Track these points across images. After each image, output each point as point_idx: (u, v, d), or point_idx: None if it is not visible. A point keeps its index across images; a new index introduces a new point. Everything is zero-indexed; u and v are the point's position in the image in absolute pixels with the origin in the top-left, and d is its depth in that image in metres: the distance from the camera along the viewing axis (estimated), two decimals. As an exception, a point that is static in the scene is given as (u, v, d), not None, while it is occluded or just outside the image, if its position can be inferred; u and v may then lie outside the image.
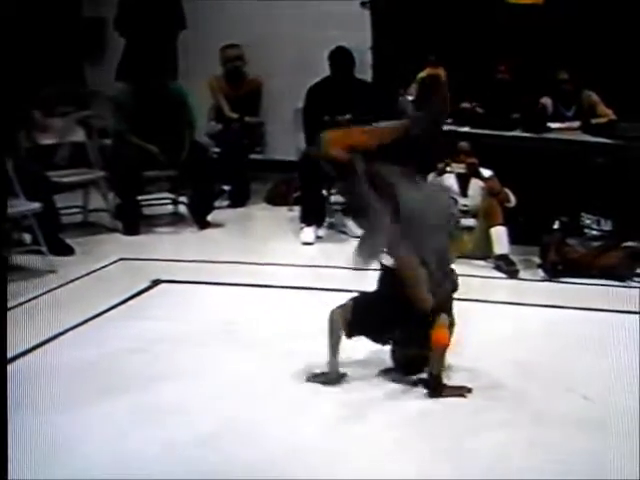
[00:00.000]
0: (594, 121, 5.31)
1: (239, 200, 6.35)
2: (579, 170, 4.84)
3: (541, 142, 5.21)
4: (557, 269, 4.70)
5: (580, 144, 5.11)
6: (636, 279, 4.62)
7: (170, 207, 6.09)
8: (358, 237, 3.41)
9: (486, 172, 5.12)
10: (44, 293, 4.40)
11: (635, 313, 4.11)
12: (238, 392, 3.27)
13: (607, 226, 4.76)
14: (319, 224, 5.62)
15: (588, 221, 4.78)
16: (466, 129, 5.40)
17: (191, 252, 5.15)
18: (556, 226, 4.79)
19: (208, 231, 5.70)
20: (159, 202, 6.07)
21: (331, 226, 5.78)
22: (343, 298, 4.29)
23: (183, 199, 5.97)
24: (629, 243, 4.69)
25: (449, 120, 5.51)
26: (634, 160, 4.86)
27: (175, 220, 5.93)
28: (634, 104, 5.34)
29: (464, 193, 5.17)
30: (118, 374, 3.42)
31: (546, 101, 5.51)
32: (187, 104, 5.91)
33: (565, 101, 5.51)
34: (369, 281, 4.50)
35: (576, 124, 5.38)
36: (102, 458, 2.78)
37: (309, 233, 5.48)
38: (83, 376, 3.41)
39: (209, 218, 5.80)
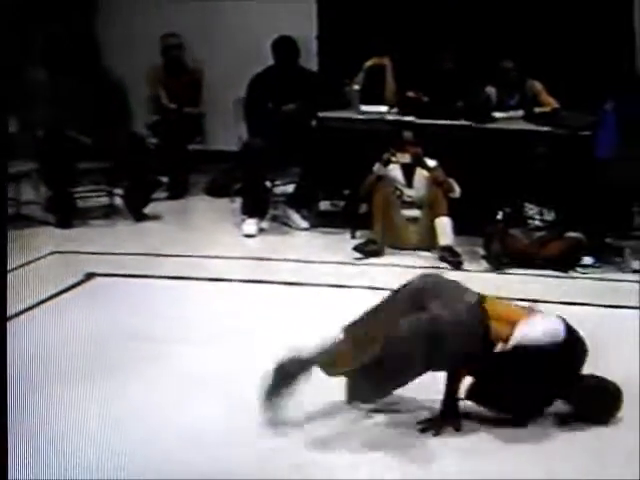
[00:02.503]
0: (537, 110, 5.41)
1: (177, 192, 6.32)
2: (522, 160, 4.93)
3: (485, 131, 5.30)
4: (501, 260, 4.79)
5: (523, 133, 5.21)
6: (579, 269, 4.73)
7: (105, 199, 6.01)
8: None
9: (431, 162, 5.20)
10: (-29, 288, 4.32)
11: (578, 304, 4.23)
12: (173, 387, 3.26)
13: (550, 216, 4.86)
14: (262, 216, 5.61)
15: (531, 211, 4.88)
16: (411, 118, 5.46)
17: (127, 245, 5.11)
18: (499, 217, 4.88)
19: (145, 224, 5.67)
20: (93, 194, 5.99)
21: (274, 218, 5.78)
22: (285, 291, 4.38)
23: (119, 191, 5.91)
24: (572, 233, 4.80)
25: (394, 109, 5.60)
26: (577, 149, 4.98)
27: (110, 213, 5.85)
28: (577, 93, 5.46)
29: (409, 184, 5.23)
30: (48, 369, 3.39)
31: (490, 90, 5.60)
32: (123, 94, 5.85)
33: (509, 90, 5.61)
34: (313, 275, 4.59)
35: (519, 113, 5.48)
36: (31, 451, 2.76)
37: (251, 225, 5.48)
38: (12, 371, 3.34)
39: (146, 210, 5.76)
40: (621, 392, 3.07)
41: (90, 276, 4.52)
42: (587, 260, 4.74)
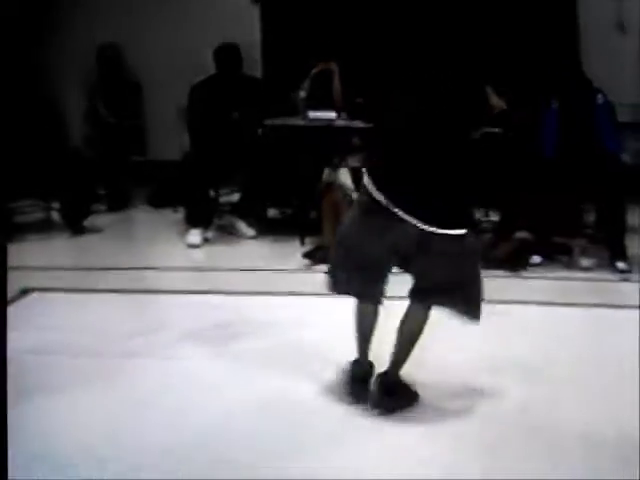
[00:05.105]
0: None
1: (118, 204, 6.37)
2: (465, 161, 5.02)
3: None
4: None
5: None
6: (528, 269, 4.85)
7: (41, 214, 5.98)
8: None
9: (379, 167, 5.27)
10: None
11: (528, 304, 4.33)
12: (115, 402, 3.25)
13: (495, 217, 4.99)
14: (206, 226, 5.64)
15: (477, 214, 5.00)
16: (359, 123, 5.53)
17: (65, 259, 5.10)
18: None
19: (84, 237, 5.68)
20: (29, 209, 5.95)
21: (220, 228, 5.82)
22: (230, 303, 4.37)
23: (56, 205, 5.89)
24: (520, 233, 4.93)
25: (343, 115, 5.67)
26: (522, 148, 5.11)
27: (47, 227, 5.84)
28: (522, 91, 5.58)
29: (358, 188, 5.29)
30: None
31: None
32: (56, 108, 5.86)
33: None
34: (261, 283, 4.61)
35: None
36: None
37: (195, 235, 5.50)
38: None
39: (85, 223, 5.77)
40: None
41: (26, 291, 4.48)
42: (535, 259, 4.86)
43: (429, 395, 3.22)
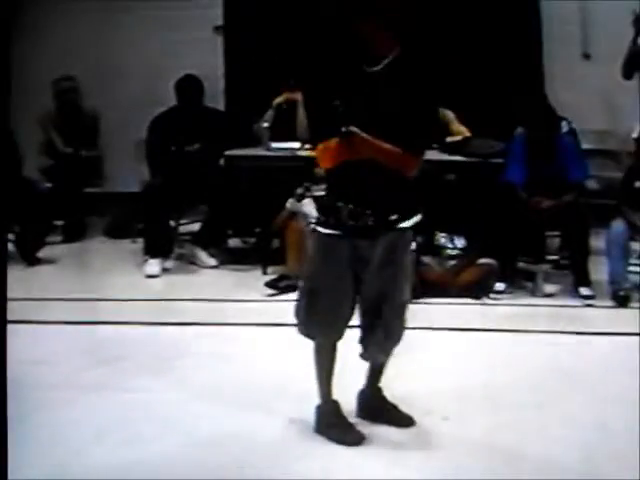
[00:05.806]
0: (449, 139, 5.57)
1: (73, 234, 6.32)
2: (431, 189, 5.05)
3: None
4: (415, 290, 4.85)
5: (434, 163, 5.34)
6: (492, 296, 4.85)
7: (-5, 245, 5.91)
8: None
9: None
10: None
11: (492, 331, 4.32)
12: (70, 435, 3.17)
13: (460, 243, 4.99)
14: (165, 255, 5.59)
15: (442, 240, 5.00)
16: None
17: (17, 290, 4.91)
18: (412, 247, 4.95)
19: (38, 268, 5.60)
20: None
21: (181, 257, 5.77)
22: (190, 333, 4.31)
23: (10, 236, 5.78)
24: (484, 260, 4.94)
25: (308, 146, 5.66)
26: (487, 176, 5.15)
27: (0, 258, 5.76)
28: (488, 120, 5.64)
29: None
30: None
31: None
32: (11, 139, 5.83)
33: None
34: (221, 314, 4.56)
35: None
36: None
37: (153, 265, 5.44)
38: None
39: (40, 254, 5.70)
40: None
41: (-21, 324, 4.37)
42: (499, 286, 4.86)
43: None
